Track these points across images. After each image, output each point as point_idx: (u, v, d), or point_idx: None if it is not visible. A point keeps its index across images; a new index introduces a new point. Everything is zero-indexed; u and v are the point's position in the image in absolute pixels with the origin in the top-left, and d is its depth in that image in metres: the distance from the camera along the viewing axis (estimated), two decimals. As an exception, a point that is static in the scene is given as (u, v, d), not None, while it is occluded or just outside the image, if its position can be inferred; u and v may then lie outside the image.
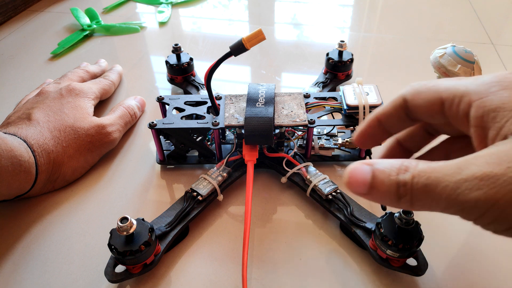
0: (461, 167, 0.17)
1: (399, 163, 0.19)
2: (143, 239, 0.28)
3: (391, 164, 0.20)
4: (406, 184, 0.19)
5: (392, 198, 0.19)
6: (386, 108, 0.25)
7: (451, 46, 0.32)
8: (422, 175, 0.18)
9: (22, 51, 0.60)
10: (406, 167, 0.19)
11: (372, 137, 0.26)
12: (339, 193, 0.34)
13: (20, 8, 0.71)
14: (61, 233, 0.34)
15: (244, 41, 0.33)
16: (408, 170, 0.19)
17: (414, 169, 0.19)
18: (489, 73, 0.21)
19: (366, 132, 0.26)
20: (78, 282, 0.31)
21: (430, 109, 0.23)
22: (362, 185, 0.20)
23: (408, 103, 0.23)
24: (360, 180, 0.20)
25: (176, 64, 0.47)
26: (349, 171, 0.20)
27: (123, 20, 0.68)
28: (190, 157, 0.40)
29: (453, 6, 0.71)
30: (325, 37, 0.64)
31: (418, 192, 0.18)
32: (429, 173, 0.18)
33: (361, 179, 0.20)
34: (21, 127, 0.36)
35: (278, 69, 0.56)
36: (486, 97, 0.20)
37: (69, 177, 0.38)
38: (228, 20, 0.70)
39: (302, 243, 0.33)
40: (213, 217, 0.36)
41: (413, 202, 0.19)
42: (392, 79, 0.53)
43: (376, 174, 0.20)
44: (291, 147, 0.39)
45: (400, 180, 0.19)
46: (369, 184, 0.20)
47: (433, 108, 0.22)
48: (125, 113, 0.44)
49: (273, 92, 0.38)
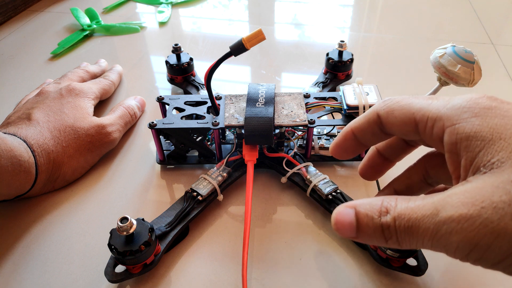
0: (437, 207, 0.18)
1: (379, 204, 0.20)
2: (143, 239, 0.28)
3: (371, 206, 0.20)
4: (389, 227, 0.19)
5: (380, 240, 0.20)
6: (360, 122, 0.25)
7: (451, 46, 0.32)
8: (402, 217, 0.19)
9: (22, 51, 0.60)
10: (386, 208, 0.19)
11: (348, 149, 0.26)
12: (339, 193, 0.34)
13: (20, 8, 0.71)
14: (61, 233, 0.34)
15: (244, 41, 0.33)
16: (388, 211, 0.19)
17: (394, 211, 0.19)
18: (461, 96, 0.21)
19: (342, 145, 0.26)
20: (78, 282, 0.31)
21: (404, 128, 0.23)
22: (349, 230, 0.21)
23: (381, 120, 0.23)
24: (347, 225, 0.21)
25: (176, 64, 0.47)
26: (335, 216, 0.21)
27: (123, 20, 0.68)
28: (190, 157, 0.40)
29: (453, 6, 0.71)
30: (325, 37, 0.64)
31: (402, 234, 0.19)
32: (409, 215, 0.19)
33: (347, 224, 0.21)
34: (21, 127, 0.36)
35: (278, 69, 0.56)
36: (458, 124, 0.20)
37: (69, 177, 0.38)
38: (228, 20, 0.70)
39: (302, 243, 0.33)
40: (213, 217, 0.36)
41: (400, 242, 0.19)
42: (392, 79, 0.53)
43: (359, 217, 0.20)
44: (291, 147, 0.39)
45: (383, 223, 0.19)
46: (355, 228, 0.20)
47: (407, 128, 0.22)
48: (125, 113, 0.44)
49: (273, 92, 0.38)
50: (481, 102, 0.20)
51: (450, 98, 0.21)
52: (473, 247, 0.17)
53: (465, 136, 0.19)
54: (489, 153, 0.18)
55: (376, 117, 0.24)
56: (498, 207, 0.16)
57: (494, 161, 0.18)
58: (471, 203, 0.17)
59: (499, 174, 0.18)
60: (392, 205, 0.19)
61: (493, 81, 0.51)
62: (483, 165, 0.18)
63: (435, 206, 0.18)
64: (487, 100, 0.20)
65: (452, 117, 0.20)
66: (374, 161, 0.28)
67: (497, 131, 0.19)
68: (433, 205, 0.18)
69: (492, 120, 0.19)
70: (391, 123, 0.23)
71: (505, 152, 0.18)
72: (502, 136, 0.18)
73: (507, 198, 0.17)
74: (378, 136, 0.25)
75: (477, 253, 0.17)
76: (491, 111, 0.19)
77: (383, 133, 0.24)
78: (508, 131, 0.18)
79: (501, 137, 0.18)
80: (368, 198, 0.21)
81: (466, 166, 0.19)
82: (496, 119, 0.19)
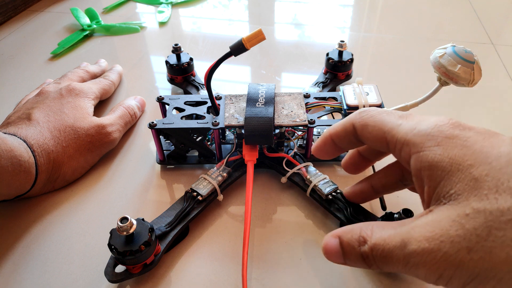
0: (404, 240, 0.19)
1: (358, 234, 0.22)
2: (143, 239, 0.28)
3: (352, 235, 0.22)
4: (368, 257, 0.21)
5: (363, 266, 0.22)
6: (338, 130, 0.26)
7: (451, 46, 0.32)
8: (377, 248, 0.21)
9: (22, 51, 0.60)
10: (364, 238, 0.22)
11: (327, 152, 0.28)
12: (339, 193, 0.34)
13: (20, 8, 0.71)
14: (61, 233, 0.34)
15: (244, 41, 0.33)
16: (366, 241, 0.21)
17: (370, 241, 0.21)
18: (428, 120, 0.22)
19: (321, 148, 0.28)
20: (78, 282, 0.31)
21: (377, 144, 0.24)
22: (337, 257, 0.23)
23: (357, 132, 0.25)
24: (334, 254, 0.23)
25: (176, 64, 0.47)
26: (323, 246, 0.24)
27: (123, 20, 0.68)
28: (190, 157, 0.40)
29: (453, 6, 0.71)
30: (325, 37, 0.64)
31: (380, 262, 0.21)
32: (382, 246, 0.20)
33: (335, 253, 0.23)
34: (21, 127, 0.36)
35: (278, 69, 0.56)
36: (422, 151, 0.21)
37: (69, 177, 0.38)
38: (228, 20, 0.70)
39: (302, 243, 0.33)
40: (213, 217, 0.36)
41: (381, 268, 0.21)
42: (392, 79, 0.53)
43: (343, 246, 0.23)
44: (291, 147, 0.39)
45: (362, 253, 0.21)
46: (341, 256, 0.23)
47: (379, 145, 0.24)
48: (125, 113, 0.44)
49: (273, 92, 0.38)
50: (444, 130, 0.21)
51: (418, 120, 0.22)
52: (438, 277, 0.19)
53: (428, 165, 0.20)
54: (448, 184, 0.19)
55: (352, 128, 0.25)
56: (455, 241, 0.18)
57: (452, 192, 0.19)
58: (431, 238, 0.18)
59: (456, 206, 0.19)
60: (369, 235, 0.21)
61: (493, 81, 0.51)
62: (443, 196, 0.20)
63: (402, 238, 0.20)
64: (450, 127, 0.21)
65: (417, 144, 0.21)
66: (355, 159, 0.30)
67: (456, 162, 0.20)
68: (401, 238, 0.20)
69: (452, 150, 0.20)
70: (365, 137, 0.25)
71: (462, 184, 0.19)
72: (460, 167, 0.19)
73: (462, 232, 0.18)
74: (355, 144, 0.26)
75: (443, 281, 0.19)
76: (452, 140, 0.20)
77: (359, 141, 0.26)
78: (465, 162, 0.19)
79: (459, 168, 0.19)
80: (350, 226, 0.23)
81: (429, 194, 0.21)
82: (456, 149, 0.20)
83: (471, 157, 0.19)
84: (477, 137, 0.20)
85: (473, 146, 0.20)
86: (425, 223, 0.19)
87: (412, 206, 0.29)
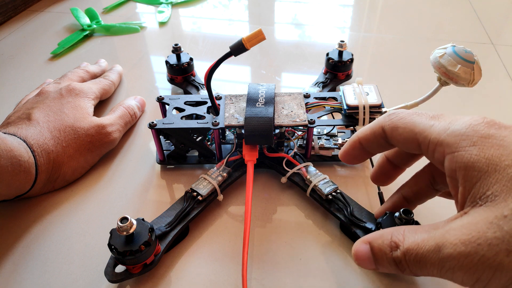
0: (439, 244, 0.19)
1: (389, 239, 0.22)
2: (143, 239, 0.28)
3: (383, 240, 0.22)
4: (401, 262, 0.21)
5: (396, 271, 0.22)
6: (367, 133, 0.26)
7: (451, 46, 0.32)
8: (411, 253, 0.20)
9: (22, 51, 0.60)
10: (396, 243, 0.21)
11: (356, 156, 0.27)
12: (339, 193, 0.34)
13: (20, 8, 0.71)
14: (61, 233, 0.34)
15: (244, 41, 0.33)
16: (398, 247, 0.21)
17: (402, 246, 0.21)
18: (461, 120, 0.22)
19: (350, 152, 0.27)
20: (78, 282, 0.31)
21: (408, 145, 0.24)
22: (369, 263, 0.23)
23: (386, 134, 0.24)
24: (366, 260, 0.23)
25: (176, 64, 0.47)
26: (354, 253, 0.24)
27: (123, 20, 0.68)
28: (190, 157, 0.40)
29: (453, 6, 0.71)
30: (325, 37, 0.64)
31: (414, 267, 0.20)
32: (416, 250, 0.20)
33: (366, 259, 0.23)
34: (21, 127, 0.36)
35: (278, 69, 0.56)
36: (457, 152, 0.20)
37: (69, 177, 0.38)
38: (228, 20, 0.70)
39: (302, 243, 0.33)
40: (213, 217, 0.36)
41: (414, 273, 0.21)
42: (392, 79, 0.53)
43: (374, 252, 0.22)
44: (291, 147, 0.39)
45: (395, 258, 0.21)
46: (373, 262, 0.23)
47: (411, 146, 0.23)
48: (125, 113, 0.44)
49: (273, 92, 0.38)
50: (479, 130, 0.21)
51: (451, 120, 0.22)
52: (476, 281, 0.18)
53: (463, 166, 0.20)
54: (484, 185, 0.19)
55: (381, 131, 0.25)
56: (493, 243, 0.17)
57: (489, 194, 0.19)
58: (468, 240, 0.18)
59: (493, 208, 0.18)
60: (401, 240, 0.21)
61: (493, 81, 0.51)
62: (479, 197, 0.19)
63: (437, 242, 0.19)
64: (485, 127, 0.21)
65: (452, 145, 0.21)
66: (385, 168, 0.30)
67: (492, 162, 0.19)
68: (435, 241, 0.19)
69: (489, 150, 0.20)
70: (396, 139, 0.24)
71: (499, 185, 0.19)
72: (497, 168, 0.19)
73: (500, 234, 0.17)
74: (384, 147, 0.26)
75: (481, 284, 0.18)
76: (488, 140, 0.20)
77: (388, 144, 0.25)
78: (503, 163, 0.19)
79: (496, 169, 0.19)
80: (380, 231, 0.23)
81: (464, 194, 0.20)
82: (492, 149, 0.20)
83: (509, 157, 0.19)
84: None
85: (510, 146, 0.19)
86: (460, 225, 0.19)
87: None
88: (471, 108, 0.48)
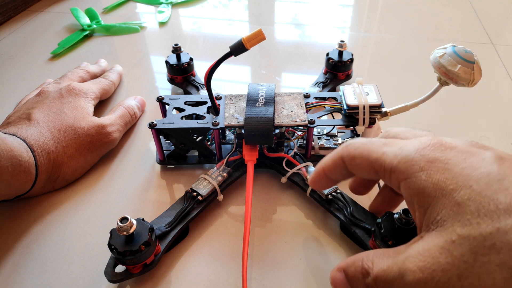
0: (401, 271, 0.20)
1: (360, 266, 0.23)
2: (143, 239, 0.28)
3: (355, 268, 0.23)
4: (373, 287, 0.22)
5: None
6: (329, 164, 0.27)
7: (451, 46, 0.32)
8: (380, 279, 0.21)
9: (22, 51, 0.60)
10: (366, 270, 0.22)
11: (323, 185, 0.28)
12: (339, 193, 0.34)
13: (20, 8, 0.71)
14: (61, 233, 0.34)
15: (244, 41, 0.33)
16: (369, 273, 0.22)
17: (372, 273, 0.22)
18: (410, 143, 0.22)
19: (317, 182, 0.28)
20: (78, 282, 0.31)
21: (367, 174, 0.24)
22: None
23: (346, 165, 0.25)
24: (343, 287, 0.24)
25: (176, 64, 0.47)
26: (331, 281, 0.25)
27: (123, 20, 0.68)
28: (190, 157, 0.40)
29: (453, 6, 0.71)
30: (325, 37, 0.64)
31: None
32: (384, 277, 0.21)
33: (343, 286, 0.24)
34: (21, 127, 0.36)
35: (278, 69, 0.56)
36: (409, 178, 0.21)
37: (69, 177, 0.38)
38: (228, 20, 0.70)
39: (302, 243, 0.33)
40: (213, 217, 0.36)
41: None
42: (392, 79, 0.53)
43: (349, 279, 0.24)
44: (291, 147, 0.39)
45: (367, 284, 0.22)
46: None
47: (369, 174, 0.24)
48: (125, 113, 0.44)
49: (273, 92, 0.38)
50: (425, 154, 0.21)
51: (402, 146, 0.23)
52: None
53: (416, 192, 0.21)
54: (434, 210, 0.20)
55: (341, 162, 0.26)
56: (446, 269, 0.18)
57: (439, 219, 0.20)
58: (424, 267, 0.19)
59: (443, 233, 0.19)
60: (370, 266, 0.22)
61: (493, 81, 0.52)
62: (431, 222, 0.20)
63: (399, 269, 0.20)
64: (431, 150, 0.21)
65: (404, 171, 0.21)
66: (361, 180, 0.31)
67: (439, 187, 0.20)
68: (398, 268, 0.20)
69: (435, 175, 0.20)
70: (355, 169, 0.25)
71: (446, 210, 0.19)
72: (444, 192, 0.20)
73: (451, 259, 0.18)
74: (347, 176, 0.26)
75: None
76: (434, 164, 0.21)
77: (350, 173, 0.26)
78: (448, 187, 0.20)
79: (443, 193, 0.20)
80: (352, 258, 0.24)
81: (420, 219, 0.21)
82: (438, 173, 0.20)
83: (453, 180, 0.20)
84: (458, 157, 0.20)
85: (454, 169, 0.20)
86: (417, 252, 0.20)
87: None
88: (471, 108, 0.48)
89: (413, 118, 0.44)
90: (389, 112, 0.37)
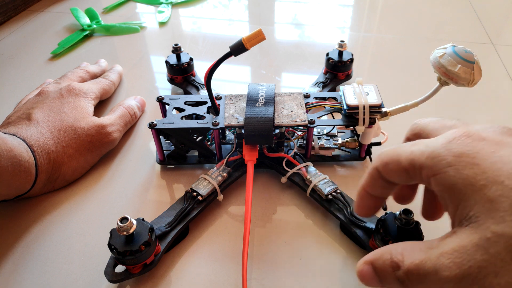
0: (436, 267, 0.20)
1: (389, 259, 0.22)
2: (143, 239, 0.28)
3: (383, 261, 0.23)
4: (404, 281, 0.22)
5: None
6: (366, 180, 0.26)
7: (451, 46, 0.32)
8: (412, 273, 0.21)
9: (22, 51, 0.60)
10: (396, 263, 0.22)
11: (369, 206, 0.27)
12: (339, 193, 0.34)
13: (20, 8, 0.71)
14: (61, 233, 0.34)
15: (244, 41, 0.33)
16: (399, 266, 0.22)
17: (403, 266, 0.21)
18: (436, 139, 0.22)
19: (361, 204, 0.27)
20: (78, 282, 0.31)
21: (401, 177, 0.24)
22: (375, 282, 0.23)
23: (382, 174, 0.25)
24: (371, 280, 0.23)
25: (176, 64, 0.47)
26: (358, 274, 0.24)
27: (123, 20, 0.68)
28: (190, 157, 0.40)
29: (453, 6, 0.71)
30: (325, 37, 0.64)
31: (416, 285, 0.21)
32: (416, 271, 0.21)
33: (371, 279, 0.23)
34: (21, 127, 0.36)
35: (278, 69, 0.56)
36: (439, 174, 0.21)
37: (69, 177, 0.38)
38: (228, 20, 0.70)
39: (302, 243, 0.33)
40: (213, 217, 0.36)
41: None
42: (392, 79, 0.53)
43: (378, 272, 0.23)
44: (291, 147, 0.39)
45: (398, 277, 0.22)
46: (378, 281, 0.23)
47: (405, 177, 0.24)
48: (125, 113, 0.44)
49: (273, 92, 0.38)
50: (452, 148, 0.21)
51: (427, 142, 0.22)
52: None
53: (446, 188, 0.21)
54: (466, 206, 0.20)
55: (377, 173, 0.25)
56: (482, 266, 0.18)
57: (471, 215, 0.19)
58: (461, 264, 0.19)
59: (477, 229, 0.19)
60: (400, 259, 0.22)
61: (493, 81, 0.51)
62: (464, 218, 0.20)
63: (434, 264, 0.20)
64: (458, 144, 0.21)
65: (432, 167, 0.21)
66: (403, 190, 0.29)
67: (469, 183, 0.19)
68: (432, 264, 0.20)
69: (463, 170, 0.20)
70: (390, 176, 0.24)
71: (479, 206, 0.19)
72: (474, 188, 0.19)
73: (487, 257, 0.18)
74: (387, 187, 0.26)
75: None
76: (461, 159, 0.20)
77: (391, 183, 0.25)
78: (478, 183, 0.19)
79: (474, 189, 0.19)
80: (378, 250, 0.23)
81: (453, 214, 0.21)
82: (467, 169, 0.20)
83: (483, 176, 0.19)
84: (487, 150, 0.20)
85: (483, 163, 0.19)
86: (452, 248, 0.20)
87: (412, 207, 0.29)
88: (471, 108, 0.48)
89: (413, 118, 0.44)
90: (389, 112, 0.37)
